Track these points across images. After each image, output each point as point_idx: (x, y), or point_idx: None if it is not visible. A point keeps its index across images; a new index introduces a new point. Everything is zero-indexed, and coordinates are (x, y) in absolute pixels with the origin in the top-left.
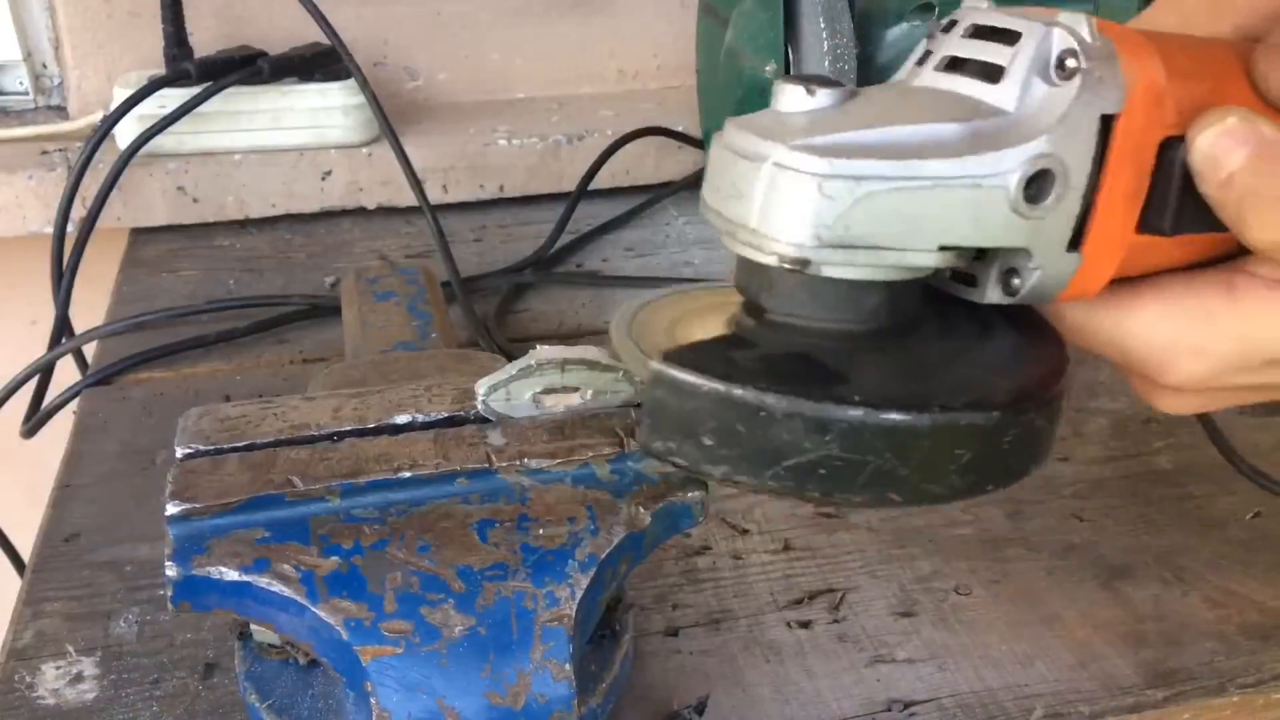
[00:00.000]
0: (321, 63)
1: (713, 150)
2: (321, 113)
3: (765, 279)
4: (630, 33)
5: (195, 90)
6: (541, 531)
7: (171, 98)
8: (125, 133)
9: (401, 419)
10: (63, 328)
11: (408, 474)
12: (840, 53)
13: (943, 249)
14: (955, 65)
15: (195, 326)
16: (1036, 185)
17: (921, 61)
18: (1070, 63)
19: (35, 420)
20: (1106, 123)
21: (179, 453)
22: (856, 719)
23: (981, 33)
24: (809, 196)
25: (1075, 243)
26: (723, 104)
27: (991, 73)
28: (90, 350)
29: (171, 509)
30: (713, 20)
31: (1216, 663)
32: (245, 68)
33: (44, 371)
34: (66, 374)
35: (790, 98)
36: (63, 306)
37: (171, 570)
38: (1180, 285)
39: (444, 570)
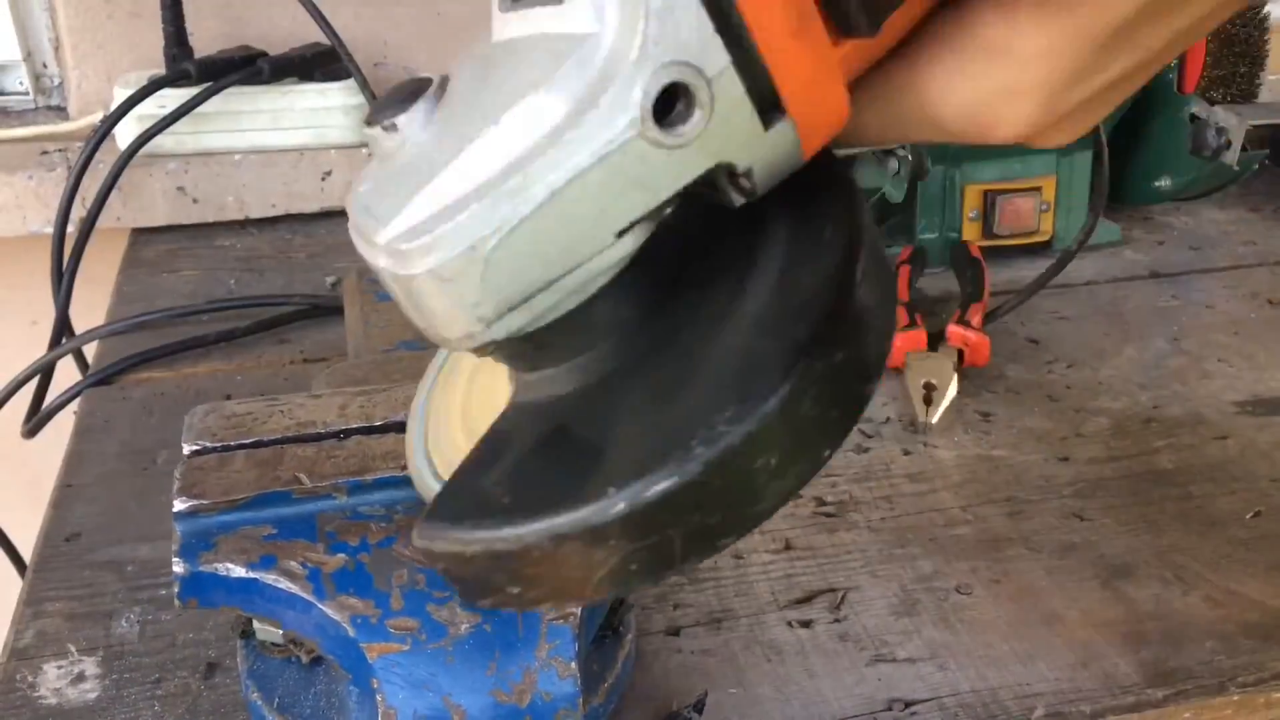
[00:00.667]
0: (321, 63)
1: None
2: (321, 113)
3: (489, 354)
4: None
5: (195, 90)
6: None
7: (171, 98)
8: (125, 133)
9: None
10: (63, 328)
11: None
12: None
13: (623, 233)
14: None
15: (196, 326)
16: (672, 106)
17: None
18: None
19: (36, 420)
20: None
21: (186, 449)
22: (857, 718)
23: None
24: (435, 293)
25: (773, 108)
26: None
27: None
28: (91, 350)
29: (179, 505)
30: None
31: (1217, 662)
32: (245, 68)
33: (44, 372)
34: (67, 374)
35: (380, 146)
36: (63, 307)
37: (178, 566)
38: (950, 28)
39: None
